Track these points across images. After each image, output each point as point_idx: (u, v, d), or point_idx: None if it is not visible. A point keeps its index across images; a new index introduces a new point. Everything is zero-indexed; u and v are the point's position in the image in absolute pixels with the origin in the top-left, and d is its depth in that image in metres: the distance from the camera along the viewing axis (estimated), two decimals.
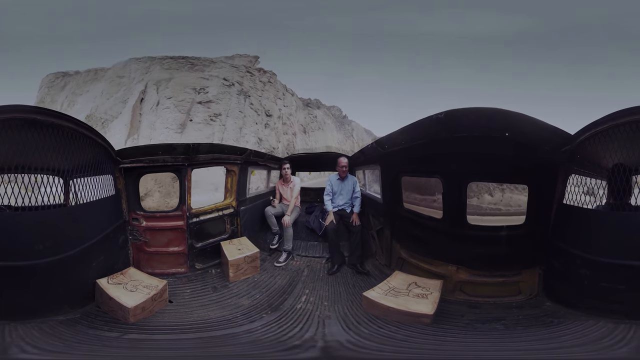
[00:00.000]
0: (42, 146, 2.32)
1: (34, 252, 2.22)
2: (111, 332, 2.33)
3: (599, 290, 2.27)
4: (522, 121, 2.38)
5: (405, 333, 2.36)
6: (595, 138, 2.33)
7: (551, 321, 2.38)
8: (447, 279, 2.96)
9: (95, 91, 24.37)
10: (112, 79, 24.10)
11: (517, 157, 2.60)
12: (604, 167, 2.45)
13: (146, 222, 3.54)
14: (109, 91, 23.32)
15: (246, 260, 3.70)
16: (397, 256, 3.55)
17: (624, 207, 2.32)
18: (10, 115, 2.09)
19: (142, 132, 19.74)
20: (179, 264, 3.69)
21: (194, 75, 21.92)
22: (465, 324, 2.52)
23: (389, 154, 3.43)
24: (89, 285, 2.69)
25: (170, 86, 21.12)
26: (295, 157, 6.37)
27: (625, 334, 1.98)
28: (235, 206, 4.36)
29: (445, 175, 2.91)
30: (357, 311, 2.76)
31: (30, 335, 2.02)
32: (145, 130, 19.73)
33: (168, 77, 21.72)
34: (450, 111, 2.44)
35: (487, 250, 2.85)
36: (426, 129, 2.72)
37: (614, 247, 2.21)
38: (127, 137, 19.56)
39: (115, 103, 22.10)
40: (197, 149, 3.65)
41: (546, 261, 2.73)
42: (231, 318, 2.72)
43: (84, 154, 2.71)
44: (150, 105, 20.64)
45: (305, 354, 2.16)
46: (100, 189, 2.94)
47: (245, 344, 2.31)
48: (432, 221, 3.19)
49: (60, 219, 2.52)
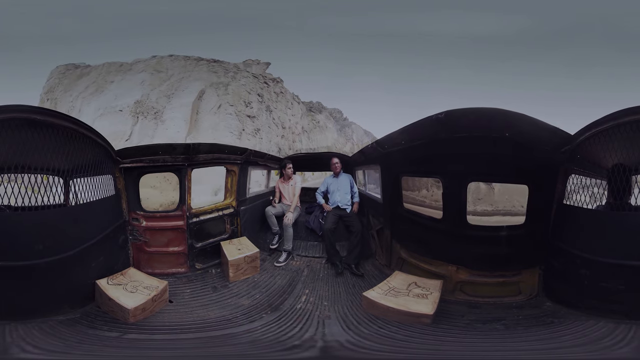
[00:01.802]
0: (42, 146, 2.32)
1: (34, 252, 2.22)
2: (111, 332, 2.33)
3: (599, 290, 2.26)
4: (522, 121, 2.38)
5: (405, 333, 2.36)
6: (595, 138, 2.33)
7: (551, 321, 2.38)
8: (447, 279, 2.95)
9: (132, 81, 25.55)
10: (150, 72, 25.51)
11: (517, 157, 2.59)
12: (604, 167, 2.45)
13: (146, 222, 3.54)
14: (151, 82, 24.55)
15: (246, 260, 3.69)
16: (397, 256, 3.55)
17: (624, 207, 2.32)
18: (10, 115, 2.09)
19: (203, 132, 21.06)
20: (179, 264, 3.69)
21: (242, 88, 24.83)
22: (466, 324, 2.52)
23: (389, 154, 3.43)
24: (89, 285, 2.69)
25: (230, 92, 23.93)
26: (296, 156, 6.38)
27: (625, 334, 1.98)
28: (235, 206, 4.36)
29: (445, 175, 2.91)
30: (357, 311, 2.76)
31: (31, 335, 2.02)
32: (207, 131, 21.31)
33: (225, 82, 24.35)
34: (450, 111, 2.44)
35: (487, 250, 2.84)
36: (426, 129, 2.72)
37: (614, 247, 2.20)
38: (186, 134, 20.86)
39: (160, 96, 23.78)
40: (197, 149, 3.65)
41: (546, 261, 2.72)
42: (231, 318, 2.72)
43: (84, 153, 2.70)
44: (210, 107, 22.77)
45: (305, 354, 2.16)
46: (100, 189, 2.93)
47: (245, 344, 2.31)
48: (432, 221, 3.19)
49: (60, 219, 2.52)
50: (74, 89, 27.31)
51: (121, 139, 22.30)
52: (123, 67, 27.13)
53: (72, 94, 27.15)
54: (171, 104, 23.20)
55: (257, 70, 27.41)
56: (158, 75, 25.17)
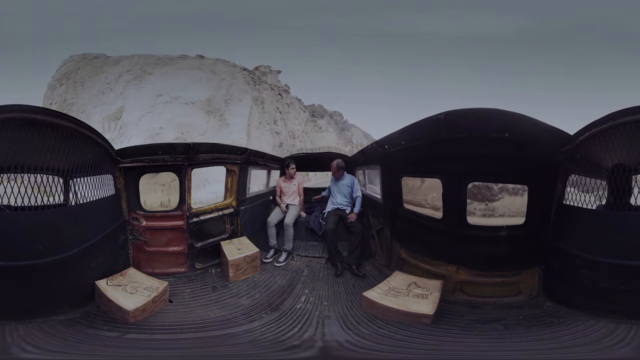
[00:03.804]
0: (42, 146, 2.32)
1: (34, 252, 2.22)
2: (111, 332, 2.33)
3: (599, 290, 2.26)
4: (521, 122, 2.38)
5: (405, 333, 2.36)
6: (595, 138, 2.33)
7: (551, 321, 2.38)
8: (447, 279, 2.95)
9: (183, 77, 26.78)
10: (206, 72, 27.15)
11: (517, 158, 2.60)
12: (604, 167, 2.45)
13: (146, 221, 3.54)
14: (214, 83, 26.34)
15: (246, 260, 3.69)
16: (397, 256, 3.55)
17: (624, 207, 2.32)
18: (10, 115, 2.09)
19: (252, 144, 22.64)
20: (179, 264, 3.69)
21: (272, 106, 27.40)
22: (465, 324, 2.52)
23: (389, 154, 3.43)
24: (89, 285, 2.69)
25: (266, 111, 26.66)
26: (297, 156, 6.39)
27: (625, 334, 1.98)
28: (235, 206, 4.36)
29: (445, 175, 2.91)
30: (356, 311, 2.76)
31: (31, 335, 2.02)
32: (255, 142, 23.36)
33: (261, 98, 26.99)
34: (450, 112, 2.44)
35: (487, 250, 2.85)
36: (426, 129, 2.72)
37: (614, 247, 2.20)
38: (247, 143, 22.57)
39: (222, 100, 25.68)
40: (198, 149, 3.66)
41: (546, 261, 2.72)
42: (231, 318, 2.72)
43: (84, 153, 2.71)
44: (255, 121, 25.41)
45: (305, 354, 2.16)
46: (100, 189, 2.94)
47: (244, 344, 2.31)
48: (432, 221, 3.19)
49: (60, 219, 2.52)
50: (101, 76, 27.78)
51: (197, 132, 23.18)
52: (161, 61, 28.13)
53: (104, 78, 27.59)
54: (230, 110, 25.03)
55: (272, 80, 29.30)
56: (214, 76, 26.68)
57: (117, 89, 26.45)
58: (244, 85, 26.76)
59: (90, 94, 26.65)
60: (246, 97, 25.87)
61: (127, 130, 23.50)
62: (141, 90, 25.81)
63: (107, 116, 24.72)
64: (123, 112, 24.66)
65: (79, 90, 27.27)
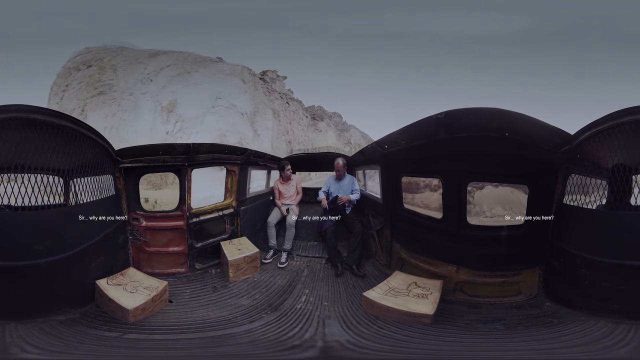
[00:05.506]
0: (42, 146, 2.32)
1: (34, 252, 2.22)
2: (111, 332, 2.33)
3: (599, 290, 2.26)
4: (521, 121, 2.38)
5: (405, 333, 2.36)
6: (595, 138, 2.33)
7: (551, 321, 2.38)
8: (447, 279, 2.95)
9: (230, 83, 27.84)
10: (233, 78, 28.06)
11: (517, 157, 2.60)
12: (604, 166, 2.45)
13: (146, 221, 3.54)
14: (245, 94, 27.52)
15: (246, 260, 3.70)
16: (397, 256, 3.55)
17: (624, 207, 2.32)
18: (10, 115, 2.09)
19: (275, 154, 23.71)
20: (179, 264, 3.69)
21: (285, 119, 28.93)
22: (466, 324, 2.52)
23: (389, 154, 3.43)
24: (89, 285, 2.69)
25: (282, 123, 28.22)
26: (295, 157, 6.39)
27: (625, 334, 1.98)
28: (235, 206, 4.36)
29: (445, 175, 2.91)
30: (357, 311, 2.76)
31: (31, 335, 2.02)
32: (276, 152, 23.80)
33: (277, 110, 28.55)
34: (450, 111, 2.44)
35: (487, 250, 2.85)
36: (426, 129, 2.72)
37: (614, 247, 2.21)
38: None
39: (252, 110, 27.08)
40: (198, 149, 3.66)
41: (546, 261, 2.72)
42: (231, 318, 2.72)
43: (84, 153, 2.71)
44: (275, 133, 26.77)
45: (305, 354, 2.16)
46: (100, 189, 2.94)
47: (244, 344, 2.31)
48: (432, 221, 3.19)
49: (60, 219, 2.52)
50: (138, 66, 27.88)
51: (245, 141, 23.95)
52: (204, 60, 28.66)
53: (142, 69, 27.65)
54: (258, 122, 26.34)
55: (280, 88, 30.19)
56: (243, 85, 27.78)
57: (158, 81, 26.61)
58: (263, 97, 27.96)
59: (134, 80, 26.56)
60: (268, 111, 27.24)
61: (186, 125, 24.02)
62: (190, 88, 26.20)
63: (163, 106, 24.84)
64: (176, 105, 25.02)
65: (119, 74, 27.05)
